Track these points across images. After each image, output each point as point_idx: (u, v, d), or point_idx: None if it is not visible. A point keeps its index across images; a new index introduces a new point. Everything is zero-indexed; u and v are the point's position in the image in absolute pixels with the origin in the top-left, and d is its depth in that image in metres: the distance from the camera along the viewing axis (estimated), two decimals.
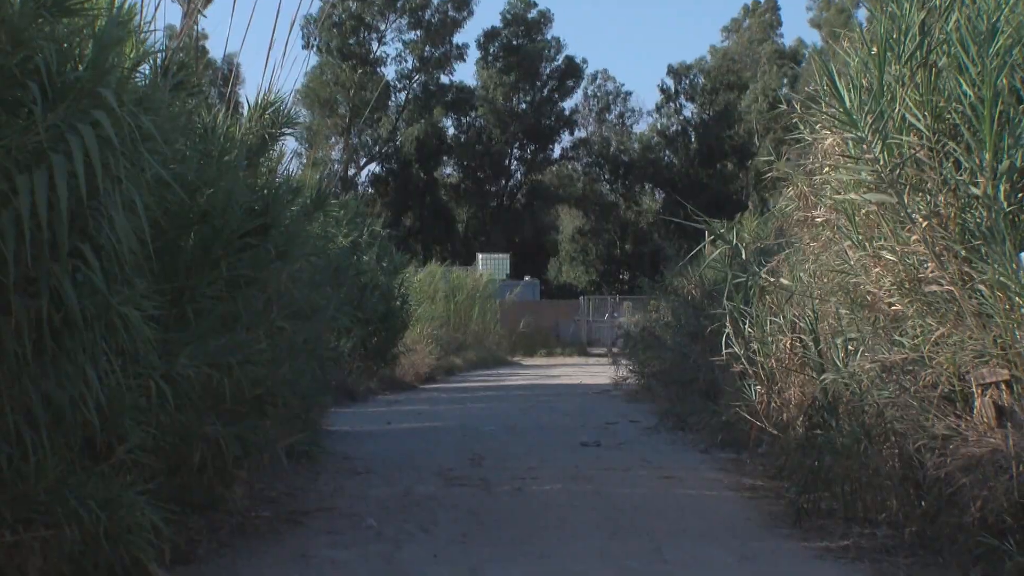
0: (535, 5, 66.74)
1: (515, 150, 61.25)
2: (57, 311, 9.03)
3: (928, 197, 12.67)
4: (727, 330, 18.22)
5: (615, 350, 36.48)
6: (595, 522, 13.66)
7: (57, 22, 9.35)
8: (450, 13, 62.34)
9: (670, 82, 63.93)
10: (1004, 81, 12.59)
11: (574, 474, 17.57)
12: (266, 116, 15.19)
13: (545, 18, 65.48)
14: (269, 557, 11.75)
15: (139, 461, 10.14)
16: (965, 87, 12.44)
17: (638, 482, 16.80)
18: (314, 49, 58.86)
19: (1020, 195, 12.18)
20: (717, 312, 19.43)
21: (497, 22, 66.79)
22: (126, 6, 10.92)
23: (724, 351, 17.97)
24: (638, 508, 14.70)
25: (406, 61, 61.82)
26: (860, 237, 13.67)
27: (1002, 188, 11.97)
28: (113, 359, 9.50)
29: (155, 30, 12.40)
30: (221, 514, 12.55)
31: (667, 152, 61.10)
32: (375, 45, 60.81)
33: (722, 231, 21.94)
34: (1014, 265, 11.55)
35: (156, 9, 14.38)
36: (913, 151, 12.68)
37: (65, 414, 9.23)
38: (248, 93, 18.49)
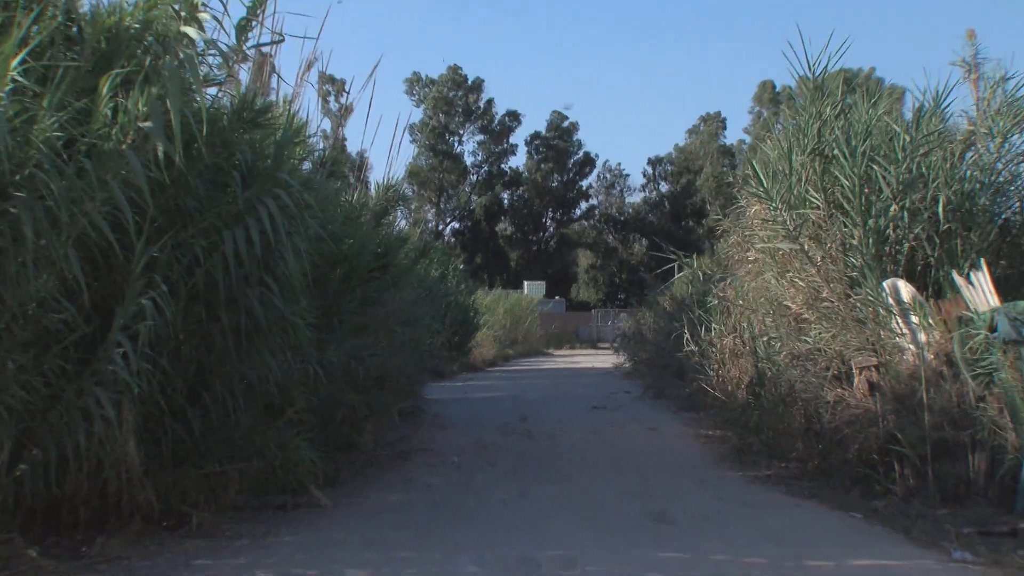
0: (567, 118, 75.91)
1: (549, 213, 65.38)
2: (250, 320, 9.74)
3: (822, 246, 13.47)
4: (693, 330, 19.01)
5: (615, 345, 36.22)
6: (602, 460, 14.43)
7: (252, 131, 10.32)
8: (508, 123, 61.31)
9: (650, 168, 66.00)
10: (872, 168, 13.05)
11: (588, 427, 18.31)
12: (387, 193, 15.03)
13: (573, 126, 76.04)
14: (386, 481, 12.59)
15: (302, 418, 11.02)
16: (841, 176, 13.11)
17: (631, 433, 17.58)
18: (416, 144, 58.59)
19: (880, 245, 12.97)
20: (683, 320, 20.29)
21: (541, 128, 74.13)
22: (295, 121, 11.91)
23: (688, 345, 18.76)
24: (631, 450, 15.41)
25: (478, 155, 62.01)
26: (778, 270, 14.67)
27: (869, 241, 12.85)
28: (286, 352, 10.37)
29: (313, 136, 12.92)
30: (355, 453, 13.53)
31: (649, 214, 61.85)
32: (456, 144, 60.33)
33: (687, 259, 24.15)
34: (877, 290, 12.47)
35: (318, 125, 14.40)
36: (811, 217, 13.54)
37: (254, 387, 10.04)
38: (375, 176, 18.41)
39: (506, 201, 71.05)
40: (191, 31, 8.67)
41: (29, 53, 7.31)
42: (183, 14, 8.70)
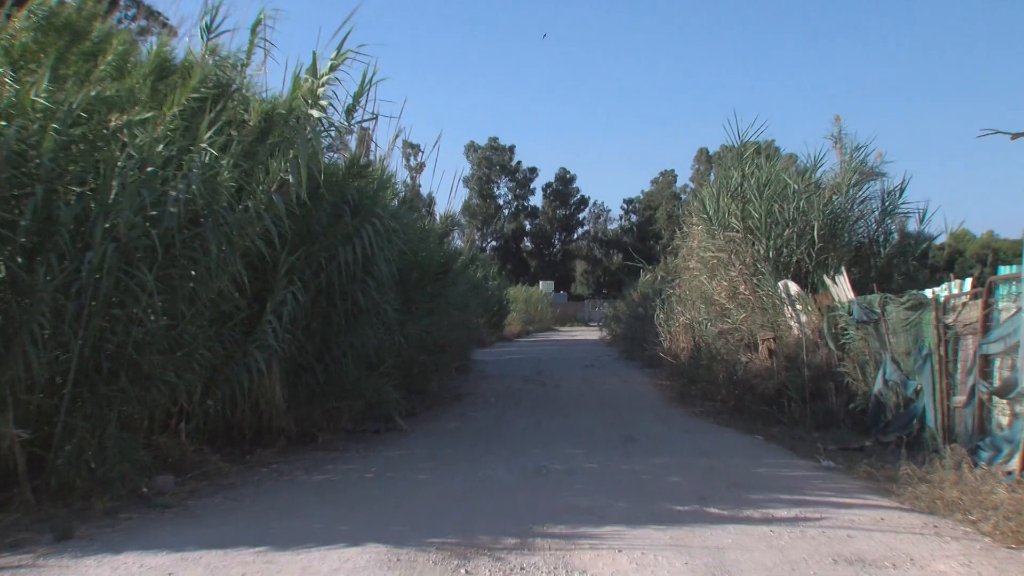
0: (568, 171, 76.40)
1: (556, 235, 66.96)
2: (355, 306, 9.84)
3: (740, 258, 13.64)
4: (653, 314, 17.75)
5: (600, 324, 36.34)
6: (590, 401, 14.44)
7: (357, 180, 10.40)
8: (528, 175, 71.69)
9: (624, 205, 70.57)
10: (772, 206, 13.24)
11: (581, 379, 18.45)
12: (447, 221, 15.11)
13: (572, 177, 78.43)
14: (446, 414, 12.65)
15: (390, 372, 11.05)
16: (753, 211, 13.22)
17: (611, 383, 17.57)
18: (467, 188, 59.25)
19: (777, 258, 13.10)
20: (646, 307, 20.40)
21: (551, 178, 76.37)
22: (386, 173, 12.13)
23: (648, 324, 17.74)
24: (610, 394, 15.46)
25: (508, 196, 62.80)
26: (709, 274, 14.88)
27: (770, 255, 13.09)
28: (379, 327, 10.39)
29: (397, 183, 13.39)
30: (425, 395, 13.63)
31: (624, 236, 62.94)
32: (494, 188, 59.79)
33: (649, 267, 24.70)
34: (775, 288, 12.67)
35: (401, 177, 14.53)
36: (733, 237, 13.64)
37: (358, 351, 10.07)
38: (439, 209, 18.51)
39: (527, 227, 72.07)
40: (316, 113, 8.96)
41: (215, 130, 7.56)
42: (311, 102, 8.99)
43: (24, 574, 4.75)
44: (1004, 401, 7.58)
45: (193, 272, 7.23)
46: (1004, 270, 8.26)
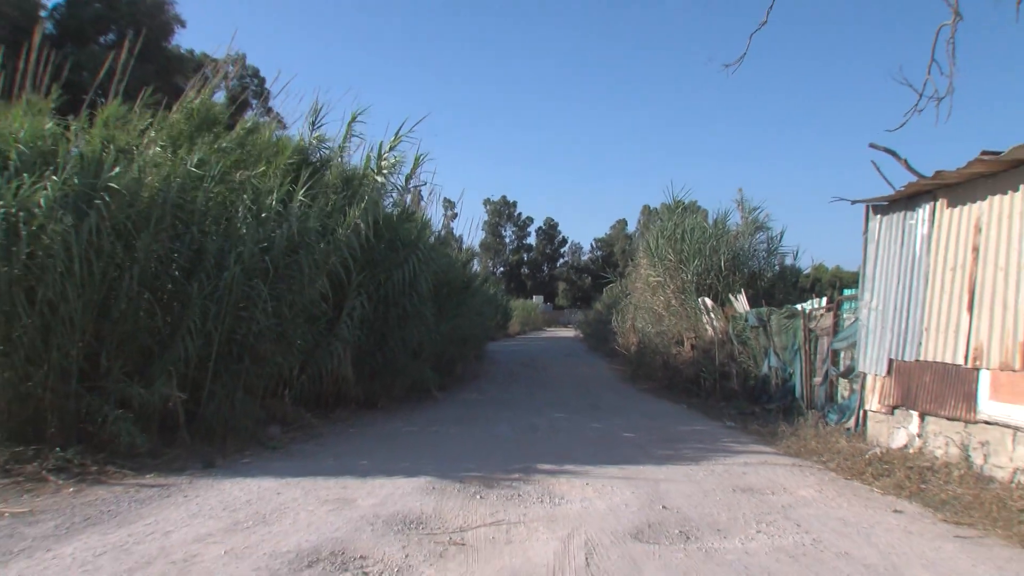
0: (553, 219, 75.94)
1: (545, 265, 67.38)
2: (404, 312, 9.76)
3: (673, 280, 13.58)
4: (611, 319, 17.43)
5: (576, 326, 35.78)
6: (570, 382, 14.24)
7: (407, 223, 10.37)
8: (526, 222, 74.33)
9: (593, 243, 73.75)
10: (696, 245, 13.27)
11: (562, 365, 18.27)
12: (469, 253, 15.34)
13: (557, 223, 76.27)
14: (467, 389, 12.51)
15: (428, 358, 10.95)
16: (681, 247, 13.31)
17: (582, 368, 17.42)
18: (483, 230, 59.58)
19: (698, 281, 12.95)
20: (608, 314, 20.10)
21: (542, 223, 73.86)
22: (427, 220, 12.04)
23: (611, 325, 18.22)
24: (582, 376, 15.36)
25: (512, 235, 62.77)
26: (651, 292, 14.71)
27: (693, 279, 13.09)
28: (421, 327, 10.24)
29: (431, 226, 13.37)
30: (453, 375, 13.38)
31: (592, 265, 61.14)
32: (502, 230, 59.63)
33: (611, 287, 23.03)
34: (696, 302, 12.68)
35: (438, 222, 14.57)
36: (668, 266, 13.54)
37: (407, 343, 9.96)
38: (464, 244, 18.50)
39: (524, 259, 71.84)
40: (380, 178, 9.20)
41: (306, 189, 7.73)
42: (376, 169, 9.22)
43: (185, 489, 4.91)
44: (846, 381, 7.82)
45: (293, 287, 7.28)
46: (847, 292, 8.63)
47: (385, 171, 9.27)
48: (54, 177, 5.51)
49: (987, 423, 5.39)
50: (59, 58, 6.17)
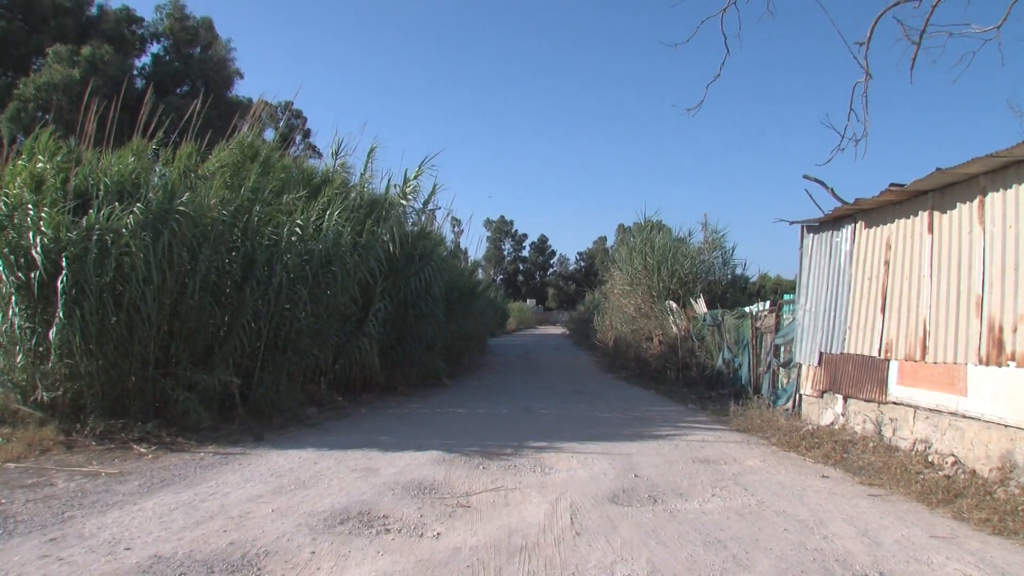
0: (545, 235, 77.18)
1: (537, 273, 67.90)
2: (420, 312, 9.75)
3: (644, 286, 13.40)
4: (592, 319, 17.21)
5: (563, 324, 35.30)
6: (557, 370, 14.15)
7: (424, 240, 10.22)
8: (521, 237, 73.38)
9: (577, 255, 73.93)
10: (661, 256, 13.06)
11: (552, 356, 18.08)
12: (474, 264, 15.48)
13: (547, 238, 74.97)
14: (473, 377, 12.34)
15: (440, 351, 10.81)
16: (650, 259, 13.09)
17: (568, 360, 17.13)
18: (487, 244, 59.15)
19: (665, 287, 12.89)
20: (590, 314, 19.35)
21: (535, 238, 73.29)
22: (440, 236, 11.76)
23: (591, 324, 17.17)
24: (568, 366, 15.18)
25: (510, 249, 64.01)
26: (626, 297, 14.48)
27: (660, 285, 12.95)
28: (434, 325, 10.18)
29: (444, 241, 13.20)
30: (460, 366, 13.15)
31: (576, 274, 61.22)
32: (502, 245, 59.36)
33: (591, 291, 23.91)
34: (664, 305, 12.40)
35: (449, 237, 14.45)
36: (639, 274, 13.41)
37: (422, 338, 9.92)
38: (471, 256, 18.36)
39: (520, 268, 71.78)
40: (403, 202, 9.24)
41: (340, 211, 7.71)
42: (401, 194, 9.26)
43: (240, 458, 4.93)
44: (785, 370, 7.85)
45: (328, 291, 7.30)
46: (787, 296, 8.63)
47: (409, 195, 9.33)
48: (139, 204, 5.64)
49: (895, 403, 5.49)
50: (150, 105, 6.35)
